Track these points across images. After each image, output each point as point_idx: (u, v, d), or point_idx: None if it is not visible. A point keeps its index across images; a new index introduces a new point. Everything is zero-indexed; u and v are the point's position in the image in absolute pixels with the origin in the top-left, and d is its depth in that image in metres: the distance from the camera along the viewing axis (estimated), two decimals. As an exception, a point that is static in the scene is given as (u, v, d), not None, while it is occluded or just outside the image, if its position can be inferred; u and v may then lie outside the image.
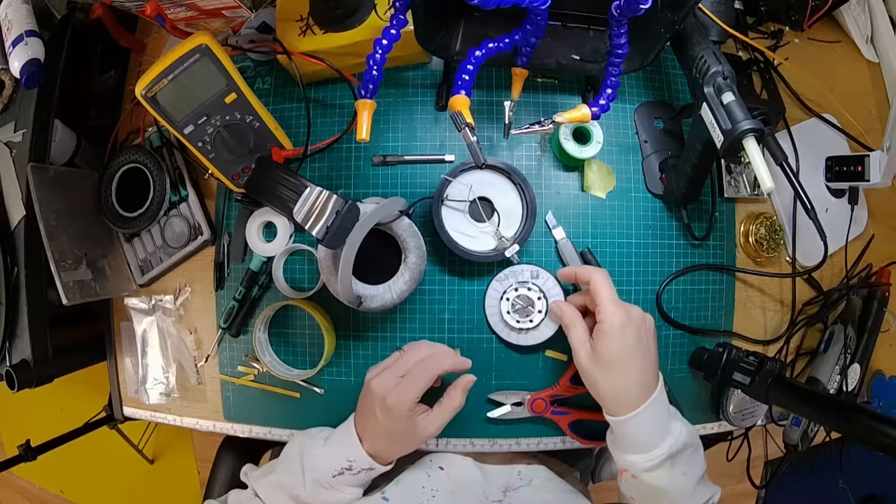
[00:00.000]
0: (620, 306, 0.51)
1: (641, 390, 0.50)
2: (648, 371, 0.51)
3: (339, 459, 0.51)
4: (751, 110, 0.47)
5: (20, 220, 0.64)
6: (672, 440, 0.50)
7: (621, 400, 0.51)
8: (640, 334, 0.51)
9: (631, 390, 0.50)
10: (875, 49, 0.75)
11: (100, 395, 0.90)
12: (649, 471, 0.50)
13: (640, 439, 0.50)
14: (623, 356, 0.50)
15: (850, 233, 0.69)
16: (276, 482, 0.54)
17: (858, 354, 0.68)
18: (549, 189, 0.64)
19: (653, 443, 0.50)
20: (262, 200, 0.60)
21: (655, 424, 0.50)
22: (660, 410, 0.51)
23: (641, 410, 0.49)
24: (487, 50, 0.54)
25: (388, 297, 0.57)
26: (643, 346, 0.51)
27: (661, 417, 0.51)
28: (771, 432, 1.01)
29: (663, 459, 0.49)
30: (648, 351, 0.52)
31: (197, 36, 0.52)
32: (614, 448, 0.54)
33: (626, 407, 0.50)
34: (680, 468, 0.50)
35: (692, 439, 0.52)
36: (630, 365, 0.50)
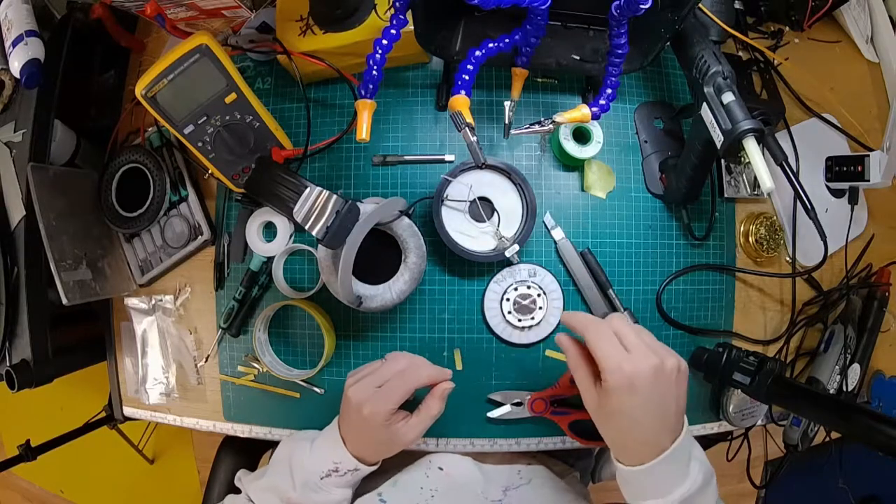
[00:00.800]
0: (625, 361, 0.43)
1: (655, 444, 0.44)
2: (665, 425, 0.45)
3: (326, 462, 0.52)
4: (751, 110, 0.47)
5: (20, 220, 0.64)
6: (689, 484, 0.44)
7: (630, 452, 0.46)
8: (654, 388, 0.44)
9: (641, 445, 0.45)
10: (875, 49, 0.75)
11: (100, 395, 0.90)
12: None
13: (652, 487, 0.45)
14: (631, 415, 0.44)
15: (850, 233, 0.69)
16: (268, 486, 0.54)
17: (858, 354, 0.68)
18: (549, 189, 0.64)
19: (666, 489, 0.44)
20: (262, 200, 0.60)
21: (671, 473, 0.45)
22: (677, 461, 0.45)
23: (654, 465, 0.44)
24: (487, 50, 0.54)
25: (388, 297, 0.57)
26: (658, 401, 0.44)
27: (677, 467, 0.45)
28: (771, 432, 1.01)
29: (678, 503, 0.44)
30: (666, 406, 0.44)
31: (197, 36, 0.52)
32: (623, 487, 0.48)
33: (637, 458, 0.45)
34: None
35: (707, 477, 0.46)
36: (640, 422, 0.44)
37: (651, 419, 0.44)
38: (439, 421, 0.64)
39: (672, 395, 0.45)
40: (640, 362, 0.43)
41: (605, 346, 0.44)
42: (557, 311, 0.63)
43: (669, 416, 0.45)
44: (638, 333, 0.46)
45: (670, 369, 0.44)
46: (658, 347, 0.46)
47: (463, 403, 0.64)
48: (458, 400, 0.64)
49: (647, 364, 0.43)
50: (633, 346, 0.44)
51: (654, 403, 0.44)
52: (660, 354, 0.44)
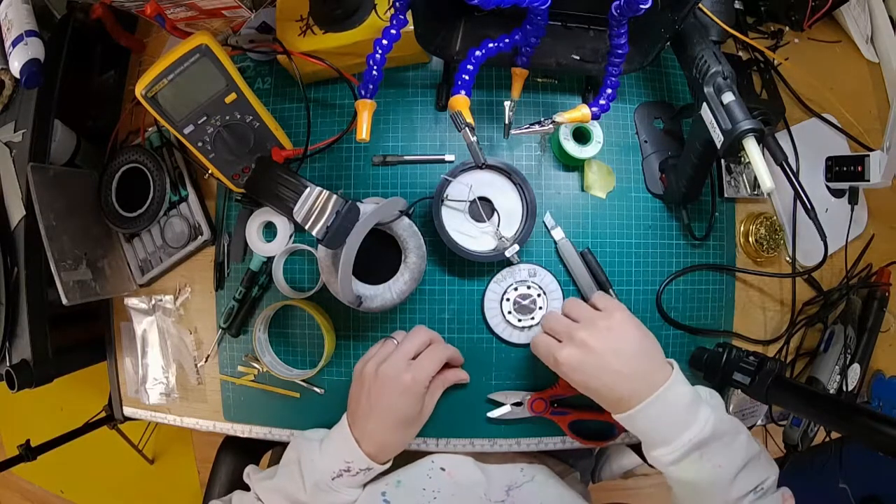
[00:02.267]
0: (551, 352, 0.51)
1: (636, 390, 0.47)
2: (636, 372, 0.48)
3: (337, 461, 0.52)
4: (751, 110, 0.47)
5: (20, 220, 0.64)
6: (697, 429, 0.46)
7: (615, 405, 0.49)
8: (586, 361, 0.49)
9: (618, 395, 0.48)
10: (875, 49, 0.75)
11: (100, 395, 0.90)
12: (674, 464, 0.47)
13: (655, 433, 0.48)
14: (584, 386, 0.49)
15: (850, 233, 0.69)
16: (277, 487, 0.54)
17: (858, 354, 0.67)
18: (549, 189, 0.64)
19: (673, 434, 0.46)
20: (262, 200, 0.60)
21: (672, 416, 0.47)
22: (674, 402, 0.47)
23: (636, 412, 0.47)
24: (487, 50, 0.54)
25: (388, 297, 0.57)
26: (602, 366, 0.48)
27: (677, 408, 0.47)
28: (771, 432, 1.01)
29: (688, 451, 0.46)
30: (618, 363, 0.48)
31: (197, 36, 0.52)
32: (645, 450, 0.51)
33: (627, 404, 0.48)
34: (712, 459, 0.46)
35: (726, 426, 0.48)
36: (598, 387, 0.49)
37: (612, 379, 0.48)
38: (440, 421, 0.64)
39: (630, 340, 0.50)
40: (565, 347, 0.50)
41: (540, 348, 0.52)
42: (557, 311, 0.63)
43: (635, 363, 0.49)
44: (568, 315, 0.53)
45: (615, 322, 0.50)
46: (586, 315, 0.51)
47: (463, 403, 0.64)
48: (458, 400, 0.64)
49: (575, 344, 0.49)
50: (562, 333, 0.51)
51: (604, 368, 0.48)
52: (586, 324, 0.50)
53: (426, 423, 0.59)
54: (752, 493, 0.48)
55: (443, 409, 0.64)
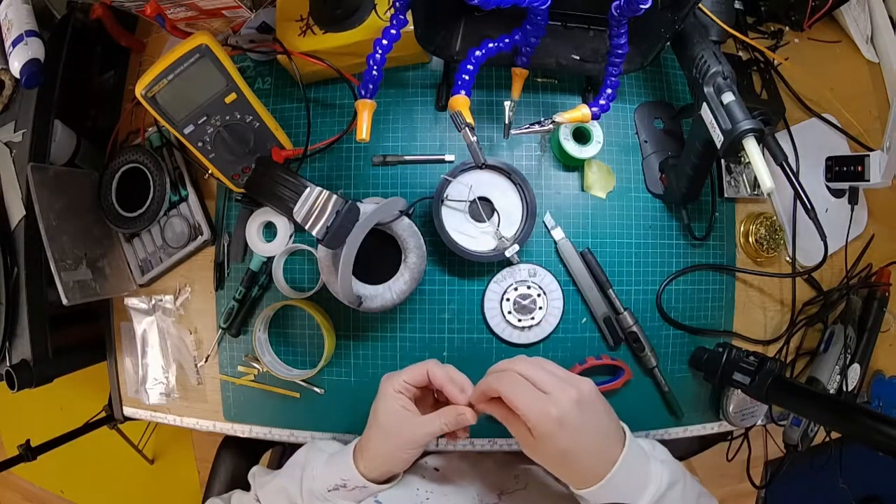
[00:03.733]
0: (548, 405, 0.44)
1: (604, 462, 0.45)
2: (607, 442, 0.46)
3: (335, 477, 0.52)
4: (751, 110, 0.47)
5: (20, 220, 0.64)
6: (654, 488, 0.45)
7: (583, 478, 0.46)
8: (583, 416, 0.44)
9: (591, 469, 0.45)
10: (875, 49, 0.75)
11: (100, 395, 0.90)
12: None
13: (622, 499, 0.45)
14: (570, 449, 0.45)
15: (850, 233, 0.69)
16: (278, 487, 0.55)
17: (858, 354, 0.68)
18: (549, 189, 0.64)
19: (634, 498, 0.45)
20: (262, 200, 0.60)
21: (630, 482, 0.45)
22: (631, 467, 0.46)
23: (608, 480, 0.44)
24: (487, 50, 0.54)
25: (388, 297, 0.57)
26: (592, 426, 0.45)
27: (635, 473, 0.46)
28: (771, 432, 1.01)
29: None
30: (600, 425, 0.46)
31: (197, 36, 0.52)
32: None
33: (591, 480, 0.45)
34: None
35: (675, 475, 0.47)
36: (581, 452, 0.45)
37: (591, 443, 0.45)
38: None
39: (600, 414, 0.46)
40: (562, 400, 0.44)
41: (522, 397, 0.44)
42: (557, 310, 0.63)
43: (607, 432, 0.46)
44: (545, 369, 0.46)
45: (588, 392, 0.45)
46: (568, 377, 0.46)
47: (463, 403, 0.64)
48: (458, 400, 0.64)
49: (568, 398, 0.44)
50: (549, 386, 0.45)
51: (588, 430, 0.45)
52: (573, 383, 0.45)
53: None
54: None
55: (443, 409, 0.64)
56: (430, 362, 0.52)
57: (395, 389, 0.51)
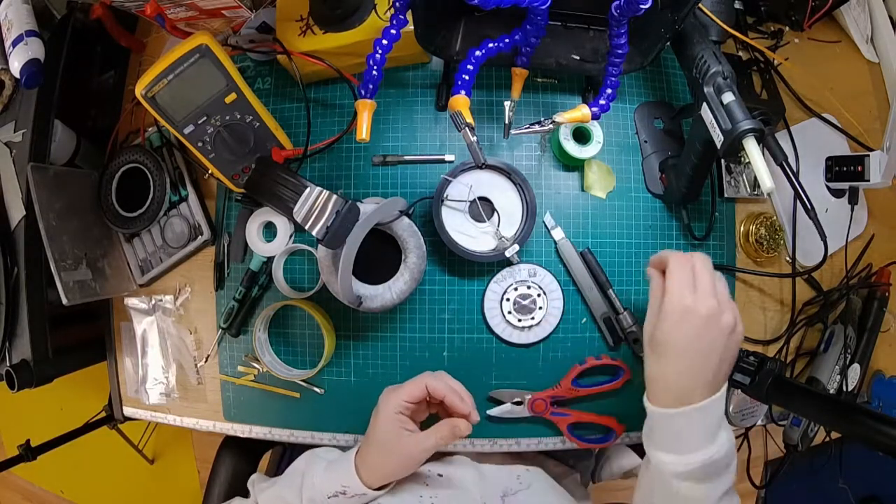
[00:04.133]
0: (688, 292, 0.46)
1: (689, 390, 0.45)
2: (704, 374, 0.46)
3: (335, 484, 0.52)
4: (751, 110, 0.47)
5: (20, 220, 0.64)
6: (714, 450, 0.45)
7: (664, 392, 0.47)
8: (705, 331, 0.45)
9: (676, 386, 0.46)
10: (875, 49, 0.75)
11: (100, 395, 0.90)
12: (679, 477, 0.46)
13: (677, 439, 0.46)
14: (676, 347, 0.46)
15: (850, 233, 0.69)
16: (277, 495, 0.55)
17: (858, 354, 0.67)
18: (549, 189, 0.64)
19: (692, 446, 0.45)
20: (262, 200, 0.60)
21: (698, 430, 0.46)
22: (708, 419, 0.46)
23: (683, 413, 0.45)
24: (487, 50, 0.53)
25: (388, 297, 0.57)
26: (705, 345, 0.45)
27: (706, 425, 0.46)
28: (771, 432, 1.01)
29: (697, 468, 0.45)
30: (710, 354, 0.46)
31: (197, 36, 0.52)
32: (648, 440, 0.50)
33: (668, 401, 0.46)
34: (710, 481, 0.46)
35: (731, 452, 0.47)
36: (681, 359, 0.46)
37: (692, 361, 0.45)
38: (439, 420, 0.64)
39: (717, 349, 0.46)
40: (700, 301, 0.45)
41: (677, 274, 0.47)
42: (557, 310, 0.63)
43: (709, 368, 0.46)
44: (713, 278, 0.47)
45: (725, 323, 0.46)
46: (724, 298, 0.47)
47: (463, 403, 0.64)
48: (458, 400, 0.64)
49: (706, 305, 0.45)
50: (703, 286, 0.46)
51: (699, 346, 0.45)
52: (722, 304, 0.46)
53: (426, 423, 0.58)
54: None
55: (443, 409, 0.64)
56: (426, 376, 0.53)
57: (394, 410, 0.51)
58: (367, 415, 0.65)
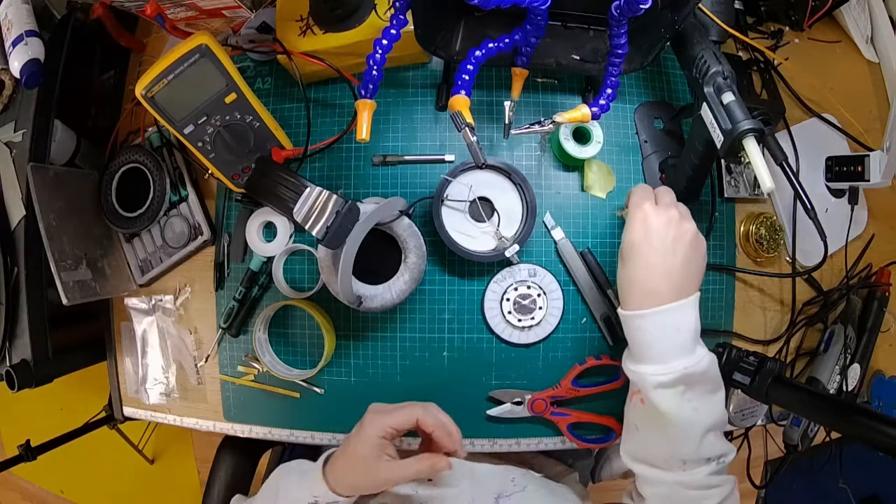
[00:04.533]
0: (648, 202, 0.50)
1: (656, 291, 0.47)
2: (668, 276, 0.48)
3: (307, 495, 0.51)
4: (751, 110, 0.47)
5: (20, 220, 0.64)
6: (693, 360, 0.46)
7: (632, 295, 0.49)
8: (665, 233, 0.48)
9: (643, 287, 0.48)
10: (875, 49, 0.75)
11: (100, 395, 0.90)
12: (660, 387, 0.47)
13: (652, 346, 0.48)
14: (639, 248, 0.48)
15: (850, 233, 0.69)
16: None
17: (858, 354, 0.67)
18: (549, 189, 0.64)
19: (668, 354, 0.47)
20: (262, 200, 0.60)
21: (672, 337, 0.47)
22: (680, 325, 0.47)
23: (652, 313, 0.47)
24: (487, 50, 0.53)
25: (388, 297, 0.57)
26: (666, 249, 0.48)
27: (681, 334, 0.47)
28: (771, 432, 1.01)
29: (677, 377, 0.46)
30: (673, 258, 0.48)
31: (197, 36, 0.52)
32: (626, 359, 0.51)
33: (637, 302, 0.48)
34: (691, 400, 0.47)
35: (714, 376, 0.49)
36: (644, 263, 0.48)
37: (656, 264, 0.48)
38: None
39: (680, 252, 0.48)
40: (661, 211, 0.49)
41: (640, 190, 0.51)
42: (557, 311, 0.63)
43: (675, 268, 0.48)
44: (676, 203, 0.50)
45: (685, 229, 0.49)
46: (685, 213, 0.50)
47: (463, 403, 0.64)
48: (458, 400, 0.64)
49: (666, 214, 0.49)
50: (664, 200, 0.50)
51: (660, 246, 0.48)
52: (681, 214, 0.49)
53: None
54: (714, 461, 0.48)
55: (443, 410, 0.64)
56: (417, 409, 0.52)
57: (378, 434, 0.50)
58: (367, 415, 0.65)
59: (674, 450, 0.48)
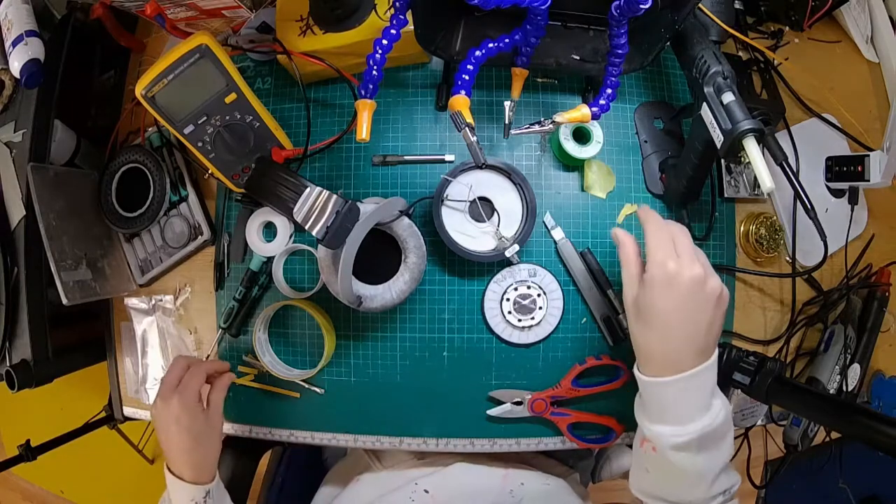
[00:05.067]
0: (671, 259, 0.44)
1: (679, 358, 0.45)
2: (693, 341, 0.45)
3: None
4: (751, 110, 0.47)
5: (20, 220, 0.64)
6: (709, 419, 0.44)
7: (654, 361, 0.46)
8: (691, 297, 0.44)
9: (666, 354, 0.45)
10: (875, 49, 0.75)
11: (100, 395, 0.90)
12: (676, 448, 0.45)
13: (671, 409, 0.45)
14: (662, 315, 0.45)
15: (850, 233, 0.69)
16: None
17: (858, 354, 0.67)
18: (549, 189, 0.64)
19: (686, 416, 0.44)
20: (262, 200, 0.60)
21: (692, 398, 0.45)
22: (701, 386, 0.45)
23: (675, 380, 0.44)
24: (487, 50, 0.53)
25: (388, 297, 0.57)
26: (691, 312, 0.44)
27: (701, 393, 0.45)
28: (771, 432, 1.01)
29: (693, 438, 0.44)
30: (698, 321, 0.45)
31: (197, 36, 0.52)
32: (640, 413, 0.49)
33: (659, 369, 0.45)
34: (707, 452, 0.45)
35: (728, 422, 0.46)
36: (669, 327, 0.45)
37: (680, 328, 0.45)
38: (440, 421, 0.64)
39: (706, 314, 0.45)
40: (685, 267, 0.44)
41: (659, 240, 0.46)
42: (557, 311, 0.63)
43: (699, 334, 0.45)
44: (695, 248, 0.47)
45: (711, 288, 0.45)
46: (707, 265, 0.46)
47: (463, 403, 0.64)
48: (458, 400, 0.64)
49: (691, 271, 0.44)
50: (684, 253, 0.45)
51: (686, 312, 0.44)
52: (706, 270, 0.45)
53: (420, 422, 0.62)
54: (722, 494, 0.48)
55: (443, 410, 0.64)
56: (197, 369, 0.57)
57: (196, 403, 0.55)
58: (368, 415, 0.66)
59: (686, 493, 0.48)
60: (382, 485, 0.65)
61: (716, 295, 0.45)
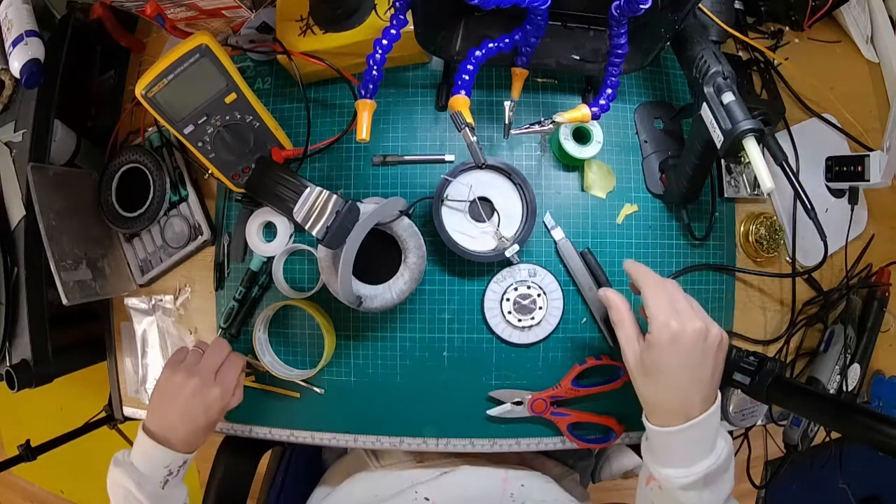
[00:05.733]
0: (673, 319, 0.46)
1: (687, 408, 0.47)
2: (699, 391, 0.47)
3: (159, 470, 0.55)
4: (751, 110, 0.47)
5: (20, 220, 0.64)
6: (714, 458, 0.46)
7: (662, 412, 0.48)
8: (696, 351, 0.46)
9: (674, 406, 0.47)
10: (875, 49, 0.75)
11: (100, 395, 0.90)
12: (684, 488, 0.47)
13: (679, 454, 0.47)
14: (669, 372, 0.47)
15: (850, 233, 0.69)
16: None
17: (858, 354, 0.67)
18: (549, 189, 0.64)
19: (693, 459, 0.46)
20: (262, 200, 0.60)
21: (698, 442, 0.47)
22: (706, 430, 0.47)
23: (684, 429, 0.46)
24: (487, 50, 0.53)
25: (388, 297, 0.57)
26: (696, 365, 0.47)
27: (706, 437, 0.47)
28: (771, 432, 1.01)
29: (700, 478, 0.46)
30: (703, 371, 0.47)
31: (197, 36, 0.52)
32: (648, 456, 0.51)
33: (667, 420, 0.47)
34: (712, 488, 0.47)
35: (730, 456, 0.48)
36: (676, 382, 0.47)
37: (687, 381, 0.47)
38: (440, 421, 0.64)
39: (710, 364, 0.47)
40: (687, 323, 0.46)
41: (659, 301, 0.48)
42: (557, 311, 0.63)
43: (704, 383, 0.47)
44: (688, 301, 0.49)
45: (713, 338, 0.47)
46: (705, 316, 0.48)
47: (463, 403, 0.64)
48: (458, 400, 0.64)
49: (693, 326, 0.46)
50: (683, 310, 0.47)
51: (692, 365, 0.47)
52: (706, 322, 0.47)
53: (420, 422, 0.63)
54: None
55: (443, 410, 0.64)
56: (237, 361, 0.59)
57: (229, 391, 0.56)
58: (368, 415, 0.66)
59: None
60: (377, 485, 0.65)
61: (717, 343, 0.48)
